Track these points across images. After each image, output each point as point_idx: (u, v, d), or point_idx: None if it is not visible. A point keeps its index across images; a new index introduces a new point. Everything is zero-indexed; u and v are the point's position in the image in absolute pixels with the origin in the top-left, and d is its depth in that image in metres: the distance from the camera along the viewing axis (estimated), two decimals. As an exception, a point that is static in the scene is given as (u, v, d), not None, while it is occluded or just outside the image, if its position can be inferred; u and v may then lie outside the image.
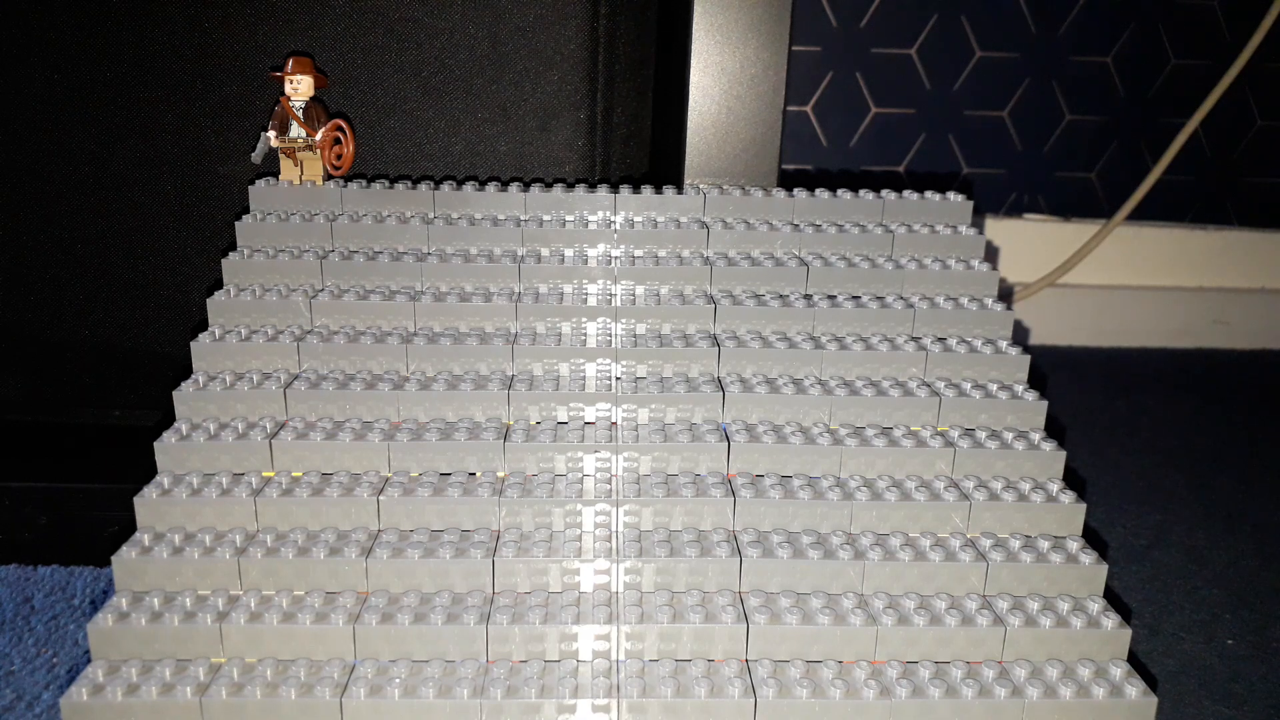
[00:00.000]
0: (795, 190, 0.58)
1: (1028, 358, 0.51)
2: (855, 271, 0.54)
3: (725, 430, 0.48)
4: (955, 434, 0.48)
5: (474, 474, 0.46)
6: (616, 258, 0.55)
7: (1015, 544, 0.44)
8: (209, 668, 0.39)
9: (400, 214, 0.56)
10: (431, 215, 0.56)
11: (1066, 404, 0.92)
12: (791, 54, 0.65)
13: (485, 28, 0.65)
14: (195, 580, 0.42)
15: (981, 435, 0.48)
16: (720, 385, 0.49)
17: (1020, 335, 1.08)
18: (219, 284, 0.54)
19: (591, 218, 0.57)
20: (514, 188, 0.57)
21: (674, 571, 0.42)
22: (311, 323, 0.52)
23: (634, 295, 0.54)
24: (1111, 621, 0.41)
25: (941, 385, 0.50)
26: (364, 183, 0.58)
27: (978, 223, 1.06)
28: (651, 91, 0.70)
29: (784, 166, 0.95)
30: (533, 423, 0.48)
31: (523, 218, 0.56)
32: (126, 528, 0.44)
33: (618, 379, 0.50)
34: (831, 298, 0.54)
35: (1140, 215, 1.07)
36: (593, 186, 0.58)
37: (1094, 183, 1.09)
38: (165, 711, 0.37)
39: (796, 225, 0.57)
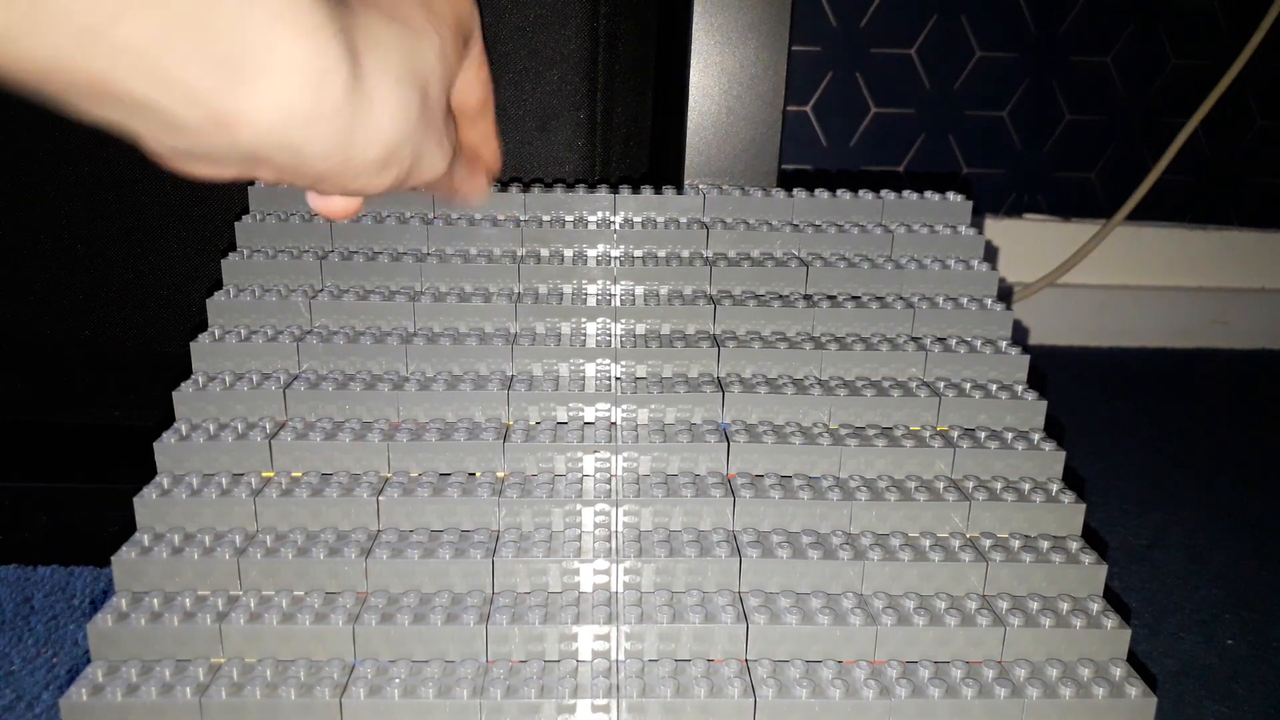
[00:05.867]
0: (795, 190, 0.58)
1: (1027, 357, 0.51)
2: (855, 271, 0.54)
3: (725, 430, 0.48)
4: (955, 434, 0.48)
5: (473, 474, 0.46)
6: (616, 258, 0.55)
7: (1015, 544, 0.44)
8: (209, 668, 0.39)
9: (400, 214, 0.56)
10: (431, 215, 0.56)
11: (1066, 404, 0.92)
12: (791, 54, 0.65)
13: (485, 28, 0.65)
14: (195, 580, 0.42)
15: (981, 435, 0.48)
16: (720, 385, 0.49)
17: (1020, 335, 1.08)
18: (219, 284, 0.54)
19: (591, 218, 0.57)
20: (514, 188, 0.57)
21: (673, 571, 0.42)
22: (311, 323, 0.52)
23: (633, 295, 0.54)
24: (1111, 621, 0.41)
25: (941, 385, 0.50)
26: (364, 183, 0.58)
27: (977, 223, 1.06)
28: (651, 91, 0.70)
29: (784, 166, 0.95)
30: (532, 423, 0.48)
31: (522, 218, 0.56)
32: (126, 528, 0.44)
33: (617, 379, 0.50)
34: (831, 298, 0.54)
35: (1140, 215, 1.07)
36: (593, 186, 0.58)
37: (1094, 182, 1.09)
38: (165, 712, 0.37)
39: (796, 225, 0.57)
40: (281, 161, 0.30)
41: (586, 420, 0.48)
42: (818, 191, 0.58)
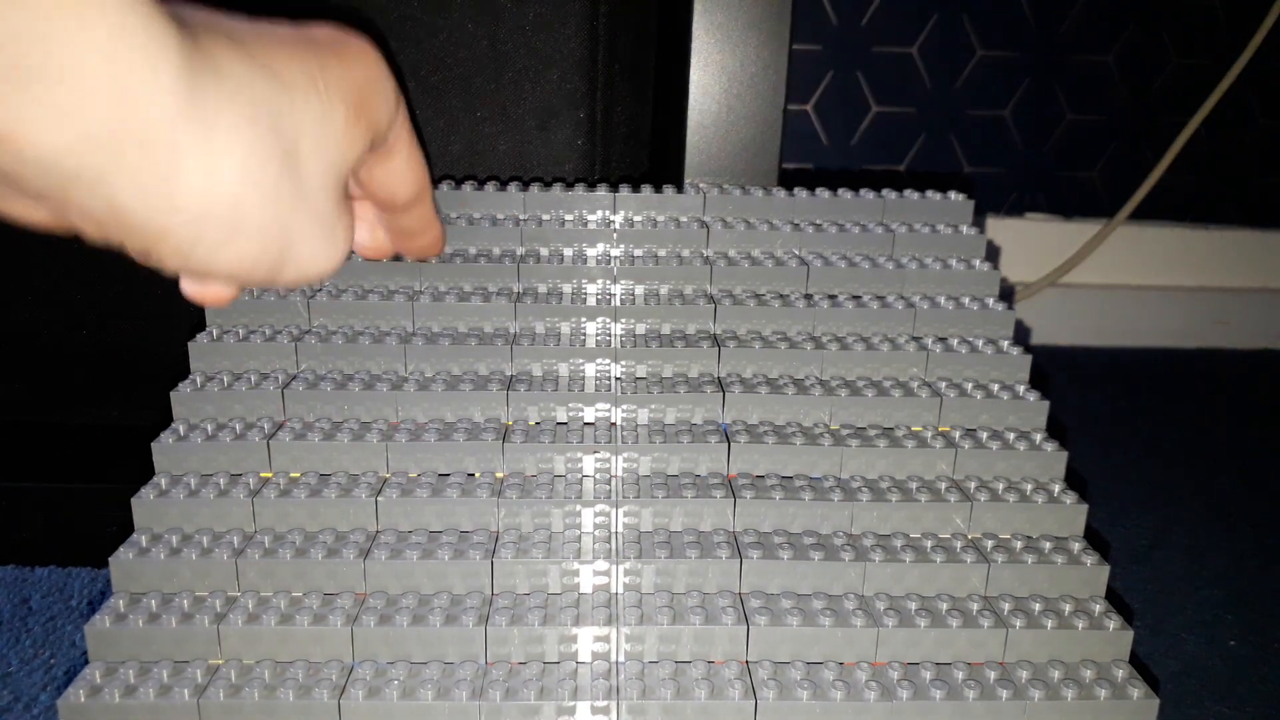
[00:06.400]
0: (795, 189, 0.58)
1: (1029, 357, 0.51)
2: (855, 271, 0.54)
3: (725, 430, 0.48)
4: (957, 434, 0.48)
5: (473, 475, 0.46)
6: (616, 257, 0.55)
7: (1017, 545, 0.44)
8: (207, 669, 0.39)
9: (399, 213, 0.56)
10: (430, 215, 0.56)
11: (1068, 404, 0.92)
12: (792, 53, 0.65)
13: (485, 28, 0.65)
14: (193, 581, 0.41)
15: (983, 435, 0.48)
16: (720, 385, 0.49)
17: (1021, 335, 1.08)
18: (217, 284, 0.53)
19: (591, 217, 0.56)
20: (513, 187, 0.57)
21: (674, 572, 0.42)
22: (309, 323, 0.52)
23: (633, 295, 0.54)
24: (1114, 623, 0.41)
25: (943, 385, 0.50)
26: (363, 182, 0.57)
27: (979, 222, 1.06)
28: (651, 91, 0.70)
29: (784, 166, 0.95)
30: (532, 423, 0.48)
31: (522, 217, 0.56)
32: (124, 528, 0.44)
33: (617, 379, 0.50)
34: (832, 297, 0.54)
35: (1141, 215, 1.06)
36: (592, 186, 0.57)
37: (1095, 182, 1.09)
38: (163, 713, 0.37)
39: (796, 225, 0.57)
40: (88, 199, 0.24)
41: (586, 420, 0.48)
42: (818, 191, 0.58)
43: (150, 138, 0.23)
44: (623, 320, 0.52)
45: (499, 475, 0.46)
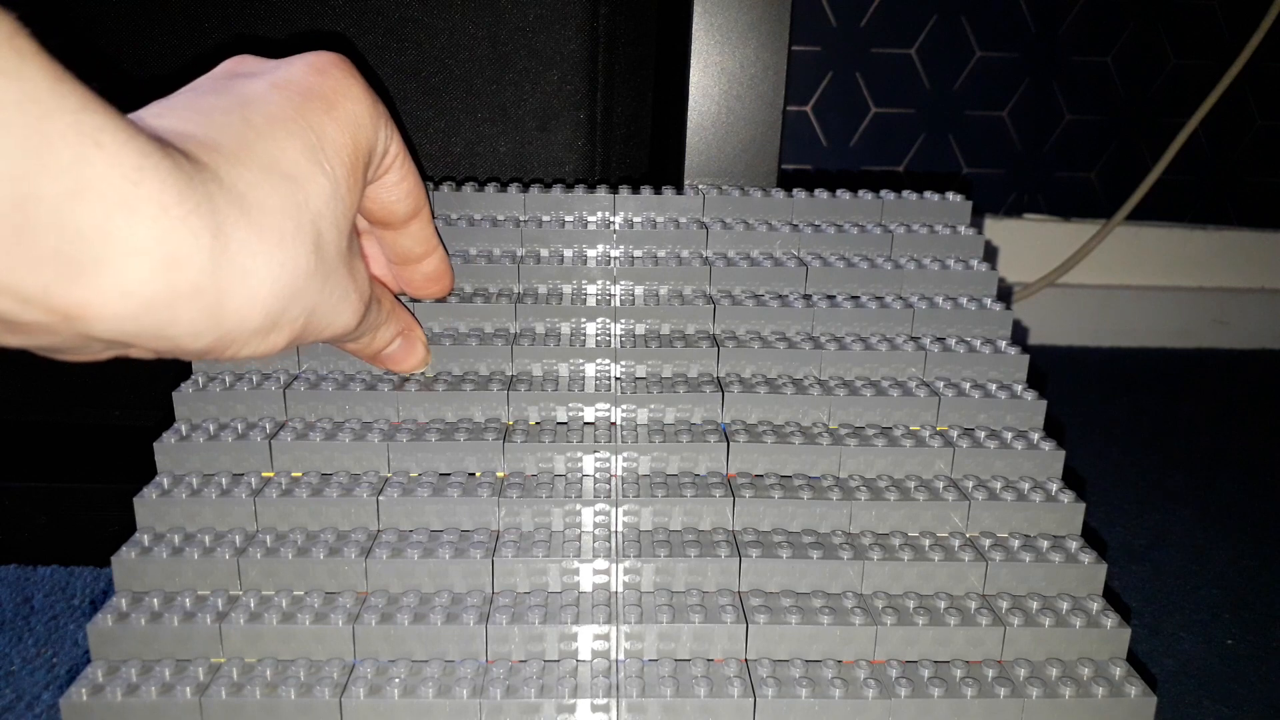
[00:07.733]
0: (794, 190, 0.58)
1: (1027, 357, 0.51)
2: (854, 271, 0.54)
3: (724, 430, 0.48)
4: (954, 434, 0.48)
5: (473, 474, 0.46)
6: (616, 258, 0.55)
7: (1015, 543, 0.44)
8: (209, 668, 0.39)
9: (400, 214, 0.56)
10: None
11: (1066, 404, 0.93)
12: (791, 54, 0.65)
13: (485, 28, 0.65)
14: (195, 580, 0.42)
15: (981, 435, 0.48)
16: (720, 385, 0.49)
17: (1020, 335, 1.08)
18: (219, 284, 0.54)
19: (591, 218, 0.57)
20: (513, 188, 0.57)
21: (673, 571, 0.42)
22: (311, 323, 0.52)
23: (633, 295, 0.54)
24: (1111, 621, 0.41)
25: (941, 385, 0.50)
26: (363, 183, 0.58)
27: (977, 222, 1.06)
28: (651, 92, 0.70)
29: (784, 166, 0.95)
30: (532, 423, 0.48)
31: (522, 218, 0.56)
32: (126, 528, 0.44)
33: (617, 379, 0.50)
34: (830, 298, 0.54)
35: (1140, 215, 1.07)
36: (592, 187, 0.58)
37: (1094, 182, 1.09)
38: (165, 711, 0.37)
39: (796, 225, 0.57)
40: (150, 345, 0.28)
41: (586, 420, 0.48)
42: (817, 191, 0.58)
43: (199, 288, 0.26)
44: (622, 320, 0.52)
45: (500, 475, 0.46)
